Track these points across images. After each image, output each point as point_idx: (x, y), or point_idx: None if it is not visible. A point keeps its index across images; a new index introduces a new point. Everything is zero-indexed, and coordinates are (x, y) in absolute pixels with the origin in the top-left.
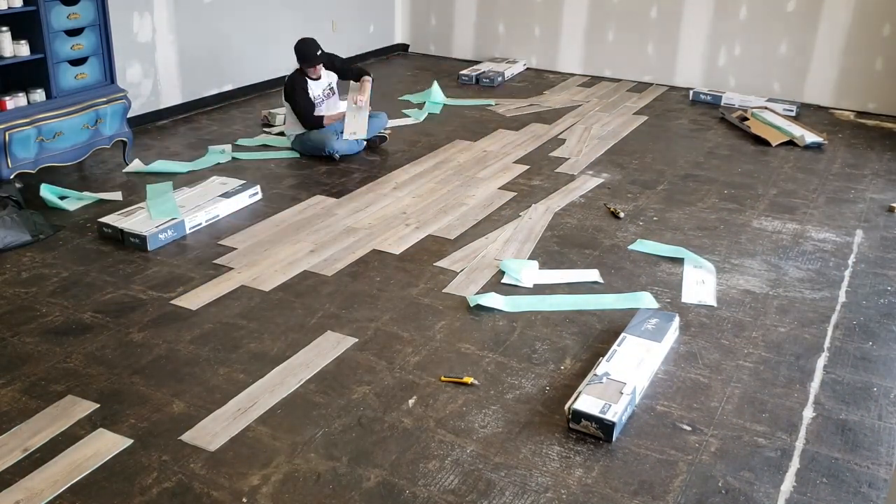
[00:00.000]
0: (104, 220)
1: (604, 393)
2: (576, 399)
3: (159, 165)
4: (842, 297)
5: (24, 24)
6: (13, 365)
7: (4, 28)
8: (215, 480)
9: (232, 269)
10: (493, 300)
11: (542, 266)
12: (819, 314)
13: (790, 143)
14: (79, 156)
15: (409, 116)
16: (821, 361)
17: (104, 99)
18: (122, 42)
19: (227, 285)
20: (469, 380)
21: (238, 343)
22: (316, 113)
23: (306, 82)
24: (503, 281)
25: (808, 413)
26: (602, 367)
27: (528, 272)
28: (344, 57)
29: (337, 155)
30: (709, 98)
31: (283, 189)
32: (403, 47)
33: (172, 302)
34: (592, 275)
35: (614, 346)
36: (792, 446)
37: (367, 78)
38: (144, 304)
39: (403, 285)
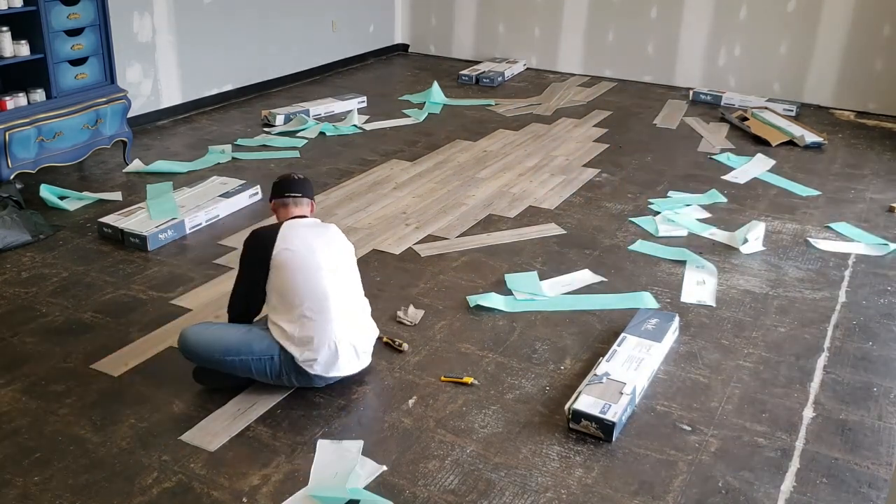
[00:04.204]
0: (104, 220)
1: (604, 393)
2: (576, 399)
3: (159, 165)
4: (842, 297)
5: (24, 24)
6: (13, 365)
7: (4, 28)
8: (215, 480)
9: (232, 269)
10: (493, 300)
11: (542, 266)
12: (819, 314)
13: (790, 143)
14: (79, 156)
15: (409, 116)
16: (821, 361)
17: (104, 99)
18: (122, 42)
19: (227, 285)
20: (469, 380)
21: None
22: None
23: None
24: (517, 298)
25: (808, 413)
26: (602, 367)
27: (535, 284)
28: (344, 57)
29: None
30: (709, 98)
31: None
32: (403, 47)
33: (172, 302)
34: (593, 275)
35: (614, 346)
36: (792, 446)
37: None
38: (144, 304)
39: (403, 285)
